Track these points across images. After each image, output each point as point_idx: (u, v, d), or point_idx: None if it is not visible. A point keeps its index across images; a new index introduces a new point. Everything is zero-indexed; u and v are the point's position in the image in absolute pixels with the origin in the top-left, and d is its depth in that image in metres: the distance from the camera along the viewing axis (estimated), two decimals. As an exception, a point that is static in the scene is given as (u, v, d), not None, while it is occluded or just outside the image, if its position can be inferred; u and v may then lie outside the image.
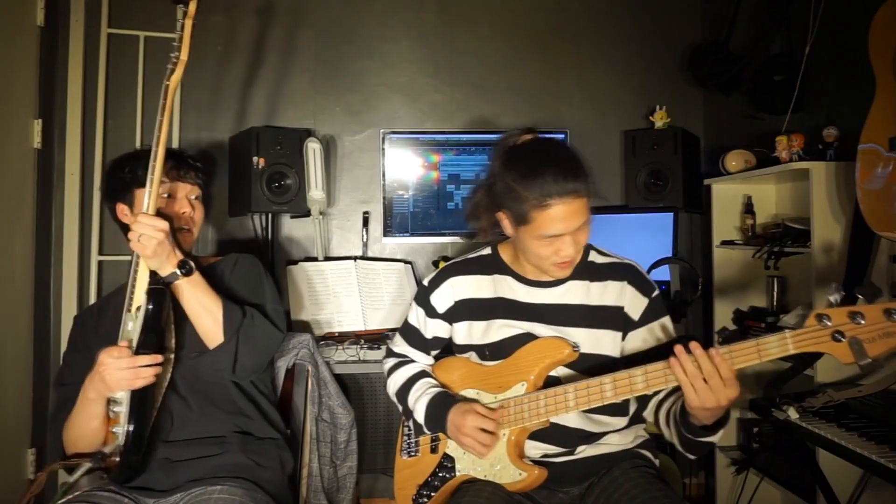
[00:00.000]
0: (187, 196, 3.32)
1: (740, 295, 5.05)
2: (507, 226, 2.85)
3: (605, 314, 2.89)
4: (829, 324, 2.27)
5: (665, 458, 3.32)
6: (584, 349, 2.86)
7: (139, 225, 2.82)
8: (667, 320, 2.92)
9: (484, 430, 2.79)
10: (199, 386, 3.13)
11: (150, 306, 2.85)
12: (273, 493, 3.11)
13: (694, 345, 2.41)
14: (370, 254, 5.60)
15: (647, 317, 2.89)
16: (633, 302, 2.89)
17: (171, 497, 2.96)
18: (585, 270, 2.96)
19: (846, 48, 4.25)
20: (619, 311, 2.89)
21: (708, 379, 2.36)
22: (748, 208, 4.96)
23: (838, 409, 3.27)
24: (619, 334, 2.89)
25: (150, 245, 2.82)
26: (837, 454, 2.97)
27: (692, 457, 2.79)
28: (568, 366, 2.86)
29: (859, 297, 2.34)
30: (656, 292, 2.94)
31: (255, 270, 3.42)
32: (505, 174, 2.76)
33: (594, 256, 3.02)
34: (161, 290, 2.89)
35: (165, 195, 3.23)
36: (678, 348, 2.43)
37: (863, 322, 2.23)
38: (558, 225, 2.66)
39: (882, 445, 2.85)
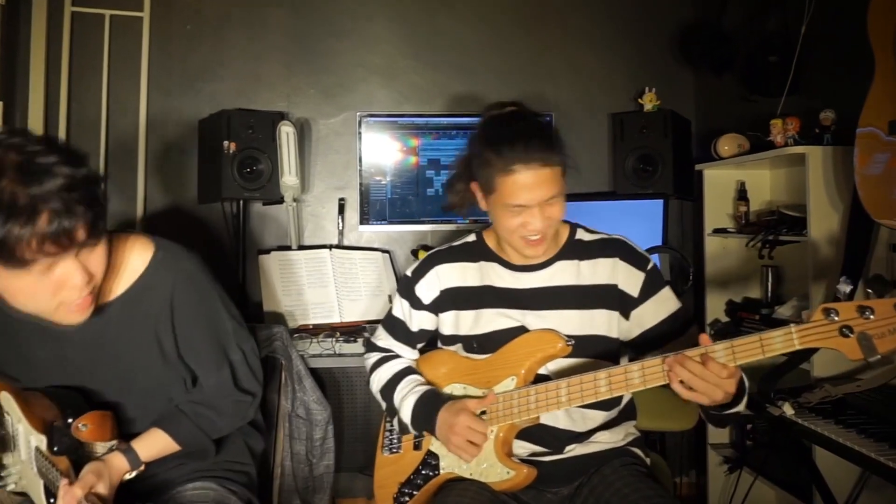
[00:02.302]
0: (76, 260, 2.35)
1: (733, 285, 5.06)
2: (480, 199, 2.87)
3: (597, 293, 2.89)
4: (836, 318, 2.24)
5: (655, 457, 3.31)
6: (579, 331, 2.85)
7: None
8: (668, 290, 2.92)
9: (474, 430, 2.76)
10: (135, 398, 2.83)
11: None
12: (246, 483, 3.06)
13: (682, 359, 2.41)
14: (346, 242, 5.60)
15: (647, 291, 2.87)
16: (628, 278, 2.88)
17: None
18: (573, 249, 2.96)
19: (844, 27, 4.24)
20: (612, 288, 2.88)
21: (706, 379, 2.35)
22: (741, 195, 4.96)
23: (836, 405, 3.26)
24: (615, 313, 2.88)
25: None
26: (835, 452, 2.96)
27: (721, 427, 2.78)
28: None
29: (869, 290, 2.33)
30: (651, 264, 2.92)
31: (203, 307, 2.82)
32: (478, 141, 2.81)
33: (581, 234, 3.01)
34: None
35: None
36: (668, 362, 2.44)
37: (872, 317, 2.20)
38: (523, 194, 2.66)
39: (881, 443, 2.84)
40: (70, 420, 2.57)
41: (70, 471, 2.55)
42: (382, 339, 3.30)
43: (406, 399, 3.03)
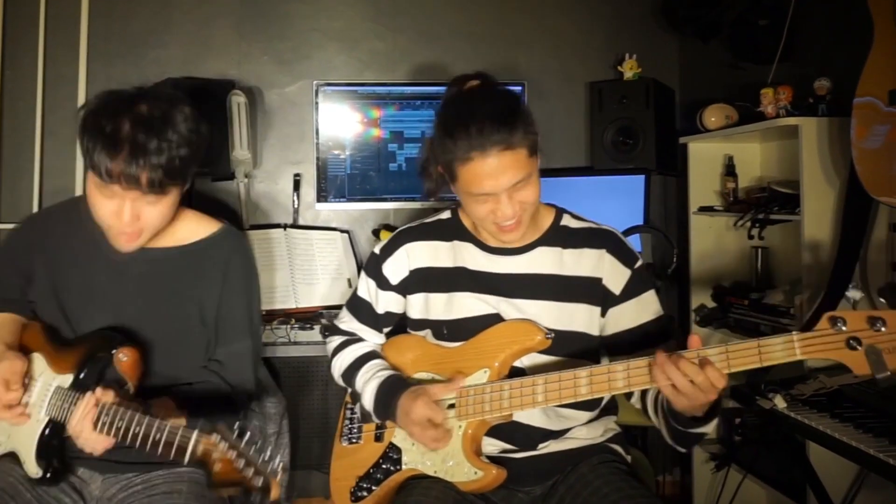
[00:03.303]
0: (133, 202, 2.77)
1: (720, 268, 5.05)
2: (449, 182, 2.82)
3: (579, 286, 2.86)
4: (844, 328, 2.21)
5: (637, 454, 3.29)
6: (557, 325, 2.82)
7: (79, 440, 2.69)
8: (652, 294, 2.90)
9: (431, 421, 2.73)
10: (163, 343, 3.12)
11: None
12: None
13: (677, 359, 2.38)
14: (302, 221, 5.57)
15: (630, 291, 2.85)
16: (612, 273, 2.85)
17: (127, 473, 3.02)
18: (557, 236, 2.93)
19: (840, -11, 4.22)
20: (596, 282, 2.85)
21: (694, 380, 2.33)
22: (729, 170, 4.95)
23: (831, 398, 3.25)
24: (597, 309, 2.85)
25: (97, 450, 2.70)
26: (830, 448, 2.97)
27: (682, 449, 2.76)
28: None
29: (881, 299, 2.30)
30: (639, 262, 2.90)
31: (249, 283, 3.24)
32: (437, 125, 2.77)
33: (568, 220, 2.98)
34: None
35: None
36: (660, 359, 2.40)
37: (883, 329, 2.17)
38: (485, 182, 2.62)
39: (880, 438, 2.83)
40: (114, 351, 2.85)
41: None
42: (346, 321, 3.26)
43: (368, 384, 2.99)
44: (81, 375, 2.83)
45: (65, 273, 3.10)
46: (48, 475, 2.82)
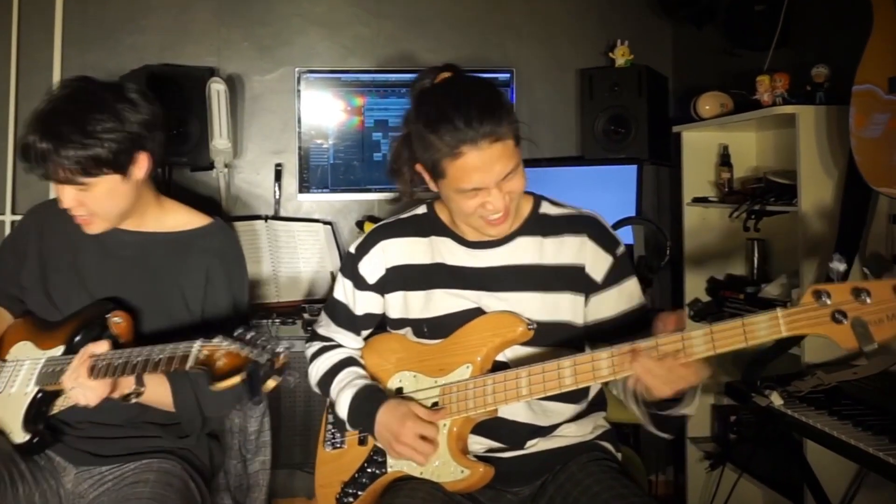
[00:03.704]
0: (64, 188, 2.90)
1: (715, 261, 5.04)
2: (428, 180, 2.79)
3: (562, 275, 2.83)
4: (828, 302, 2.20)
5: (628, 452, 3.28)
6: (541, 316, 2.79)
7: (74, 391, 2.79)
8: (633, 282, 2.88)
9: (423, 437, 2.70)
10: (152, 316, 3.18)
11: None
12: (206, 477, 3.29)
13: (638, 350, 2.41)
14: (283, 213, 5.56)
15: (612, 278, 2.82)
16: (595, 260, 2.82)
17: (101, 468, 3.07)
18: (537, 224, 2.89)
19: (839, -28, 4.20)
20: (579, 270, 2.82)
21: (670, 370, 2.33)
22: (724, 160, 4.95)
23: (829, 395, 3.24)
24: (581, 297, 2.83)
25: (93, 401, 2.78)
26: (828, 446, 2.97)
27: (666, 435, 2.74)
28: None
29: (865, 270, 2.28)
30: (621, 248, 2.88)
31: (238, 277, 3.29)
32: (415, 121, 2.72)
33: (547, 208, 2.94)
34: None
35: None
36: (636, 350, 2.41)
37: (868, 301, 2.16)
38: (476, 176, 2.59)
39: (880, 436, 2.83)
40: (108, 315, 2.96)
41: None
42: (323, 326, 3.23)
43: (343, 393, 2.96)
44: (76, 340, 2.93)
45: (55, 254, 3.20)
46: (35, 440, 2.91)
